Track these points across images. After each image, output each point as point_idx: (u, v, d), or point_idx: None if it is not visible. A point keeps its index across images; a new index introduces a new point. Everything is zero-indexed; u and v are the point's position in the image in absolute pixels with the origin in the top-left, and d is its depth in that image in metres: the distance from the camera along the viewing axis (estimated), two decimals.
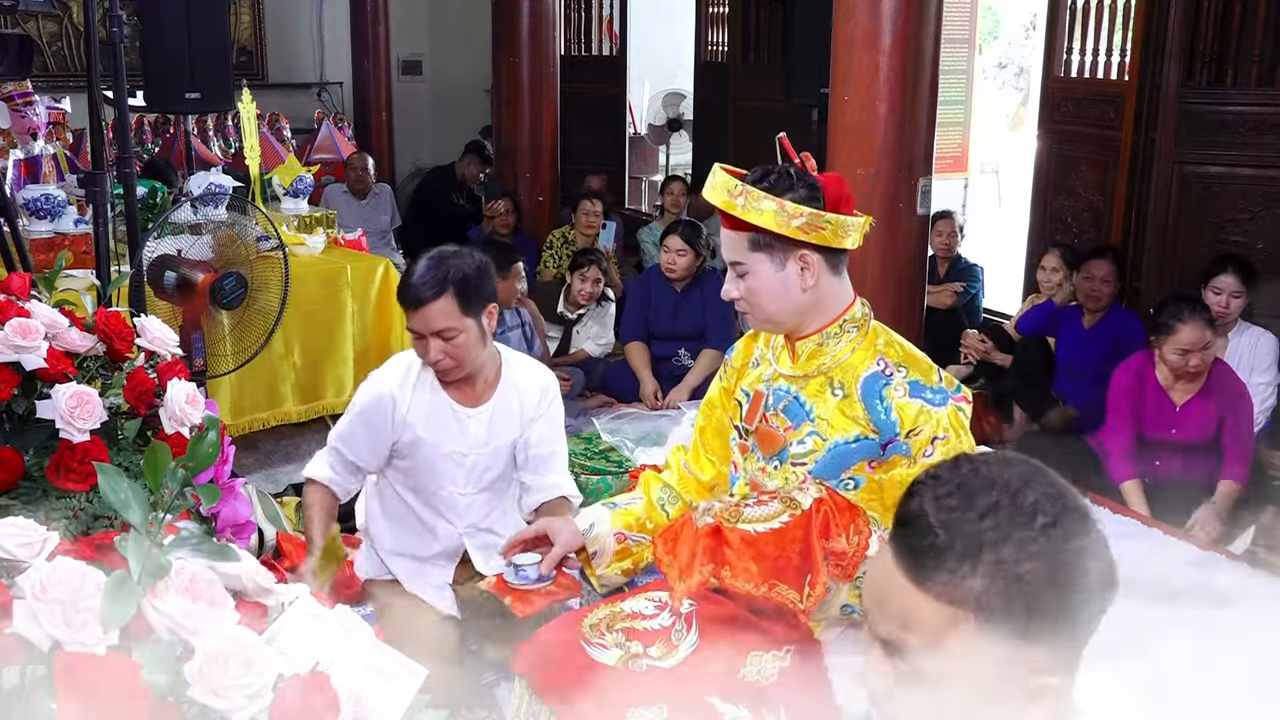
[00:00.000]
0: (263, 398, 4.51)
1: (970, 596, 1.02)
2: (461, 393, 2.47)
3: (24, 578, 1.10)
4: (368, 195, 7.12)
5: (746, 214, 1.85)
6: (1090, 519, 1.06)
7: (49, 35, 7.73)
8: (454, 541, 2.54)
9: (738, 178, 1.88)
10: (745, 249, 1.90)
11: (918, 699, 1.08)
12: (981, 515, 1.03)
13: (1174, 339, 3.66)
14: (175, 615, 1.13)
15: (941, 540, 1.03)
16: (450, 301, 2.31)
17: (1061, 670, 1.05)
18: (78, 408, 1.64)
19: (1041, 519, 1.02)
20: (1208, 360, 3.70)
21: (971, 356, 4.83)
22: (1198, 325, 3.63)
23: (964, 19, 7.18)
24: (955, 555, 1.02)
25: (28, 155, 4.79)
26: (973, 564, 1.02)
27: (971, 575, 1.02)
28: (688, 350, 5.03)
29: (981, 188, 11.00)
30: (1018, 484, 1.05)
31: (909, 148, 3.93)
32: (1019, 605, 1.01)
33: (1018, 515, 1.03)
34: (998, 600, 1.01)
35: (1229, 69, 4.81)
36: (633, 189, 9.02)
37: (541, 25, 6.69)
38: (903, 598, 1.06)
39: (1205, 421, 3.74)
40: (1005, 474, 1.06)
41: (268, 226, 3.82)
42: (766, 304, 1.93)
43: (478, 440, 2.48)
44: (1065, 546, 1.02)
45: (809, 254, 1.89)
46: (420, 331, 2.34)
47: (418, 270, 2.36)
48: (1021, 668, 1.03)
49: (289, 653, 1.18)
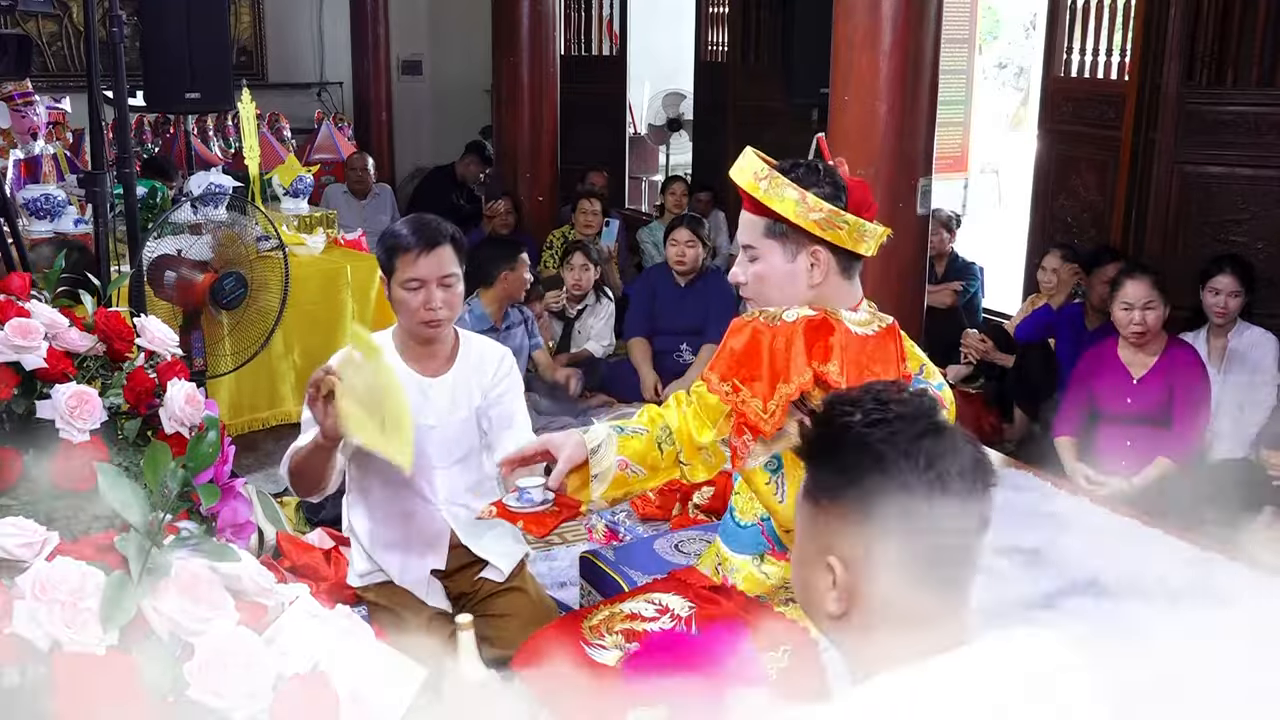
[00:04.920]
0: (263, 398, 4.51)
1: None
2: (422, 364, 2.52)
3: (24, 578, 1.10)
4: (368, 195, 7.12)
5: (768, 199, 1.87)
6: (957, 465, 1.13)
7: (49, 35, 7.73)
8: (435, 523, 2.55)
9: (768, 164, 1.90)
10: (761, 234, 1.93)
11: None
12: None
13: (1120, 294, 3.86)
14: (175, 615, 1.13)
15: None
16: (451, 250, 2.43)
17: (864, 571, 1.13)
18: (78, 408, 1.64)
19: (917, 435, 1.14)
20: (1151, 323, 3.82)
21: (972, 356, 4.82)
22: (1143, 283, 3.82)
23: (964, 19, 7.18)
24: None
25: (28, 155, 4.79)
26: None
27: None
28: (689, 346, 5.08)
29: (981, 188, 11.00)
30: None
31: (909, 148, 3.93)
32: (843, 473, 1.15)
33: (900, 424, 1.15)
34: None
35: (1229, 69, 4.81)
36: (633, 189, 9.01)
37: (541, 25, 6.69)
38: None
39: (1160, 397, 3.85)
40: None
41: (268, 226, 3.82)
42: (771, 291, 1.94)
43: (442, 409, 2.51)
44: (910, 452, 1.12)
45: (821, 250, 1.90)
46: (425, 279, 2.40)
47: (410, 223, 2.44)
48: (822, 536, 1.17)
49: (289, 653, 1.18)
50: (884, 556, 1.12)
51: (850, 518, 1.14)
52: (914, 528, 1.11)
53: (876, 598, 1.13)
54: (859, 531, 1.13)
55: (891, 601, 1.13)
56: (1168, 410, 3.84)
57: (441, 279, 2.41)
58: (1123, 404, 3.91)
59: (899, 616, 1.13)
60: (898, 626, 1.13)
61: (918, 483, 1.11)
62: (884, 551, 1.12)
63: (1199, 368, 3.91)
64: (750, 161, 1.91)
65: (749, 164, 1.91)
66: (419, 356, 2.52)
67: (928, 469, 1.12)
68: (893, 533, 1.12)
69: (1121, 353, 3.94)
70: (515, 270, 4.48)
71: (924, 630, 1.12)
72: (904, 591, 1.12)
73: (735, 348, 1.84)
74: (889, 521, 1.12)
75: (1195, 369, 3.89)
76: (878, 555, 1.12)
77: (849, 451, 1.15)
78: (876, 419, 1.14)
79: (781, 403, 1.76)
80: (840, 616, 1.16)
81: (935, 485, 1.11)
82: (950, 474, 1.12)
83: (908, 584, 1.12)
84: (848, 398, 1.19)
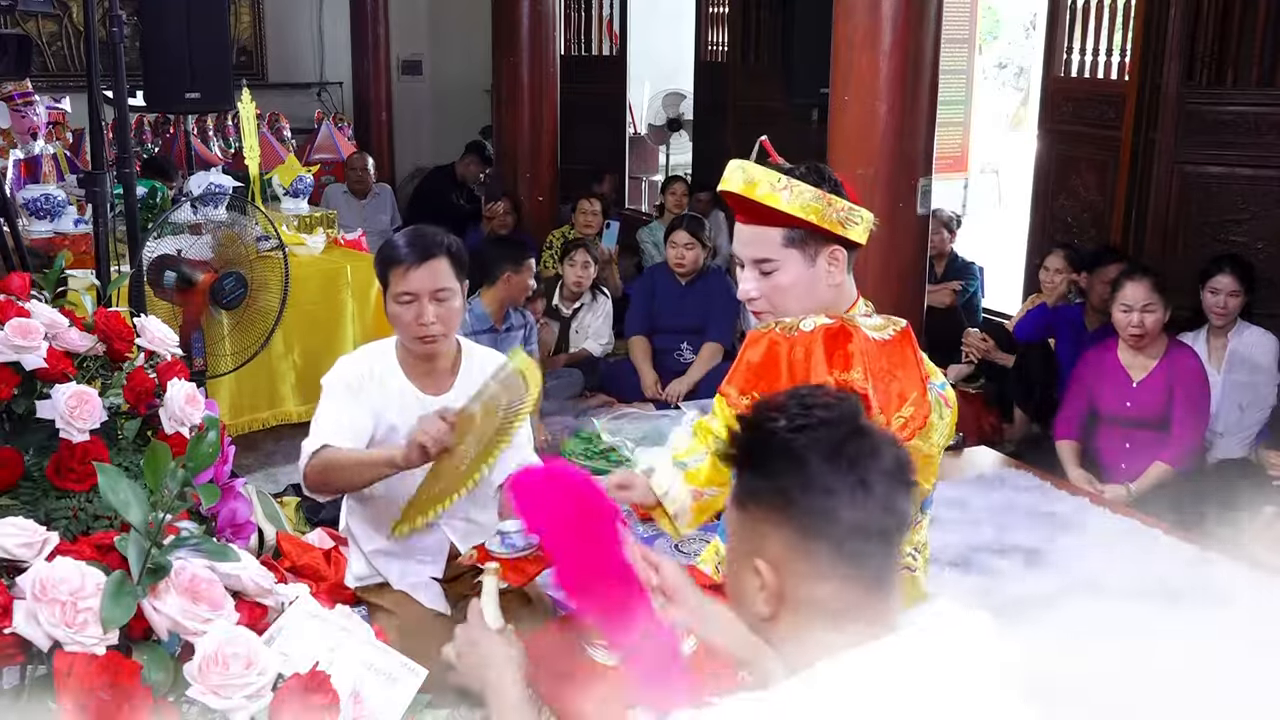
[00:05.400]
0: (263, 398, 4.51)
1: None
2: (423, 379, 2.48)
3: (24, 578, 1.10)
4: (368, 195, 7.12)
5: (791, 206, 1.83)
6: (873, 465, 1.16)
7: (49, 35, 7.73)
8: (435, 535, 2.54)
9: (779, 171, 1.88)
10: (778, 245, 1.88)
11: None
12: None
13: (1119, 295, 3.86)
14: (175, 615, 1.13)
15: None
16: (446, 263, 2.37)
17: (791, 572, 1.16)
18: (78, 408, 1.64)
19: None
20: (1150, 325, 3.81)
21: (972, 355, 4.82)
22: (1142, 285, 3.81)
23: (964, 19, 7.17)
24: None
25: (28, 155, 4.79)
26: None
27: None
28: (690, 345, 5.08)
29: (981, 188, 11.00)
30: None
31: (909, 148, 3.93)
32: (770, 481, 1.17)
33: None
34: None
35: (1229, 69, 4.80)
36: (633, 189, 9.01)
37: (541, 25, 6.69)
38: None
39: (1160, 400, 3.84)
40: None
41: (268, 226, 3.82)
42: (792, 302, 1.90)
43: None
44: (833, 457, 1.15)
45: (839, 249, 1.89)
46: (417, 293, 2.35)
47: (408, 234, 2.41)
48: (752, 538, 1.19)
49: (289, 653, 1.18)
50: (809, 558, 1.15)
51: (776, 521, 1.16)
52: (838, 530, 1.14)
53: (803, 598, 1.16)
54: (784, 535, 1.16)
55: (818, 600, 1.16)
56: (1167, 413, 3.83)
57: (435, 293, 2.36)
58: (1122, 406, 3.91)
59: (827, 614, 1.16)
60: (826, 623, 1.15)
61: (840, 485, 1.14)
62: (809, 553, 1.15)
63: (1199, 371, 3.90)
64: (761, 172, 1.85)
65: (761, 175, 1.85)
66: (420, 371, 2.48)
67: (850, 471, 1.14)
68: (817, 535, 1.14)
69: (1121, 355, 3.94)
70: (520, 273, 4.40)
71: (852, 625, 1.15)
72: (830, 590, 1.15)
73: (753, 360, 1.83)
74: (813, 524, 1.14)
75: (1195, 372, 3.88)
76: (803, 557, 1.15)
77: (774, 457, 1.17)
78: (801, 424, 1.17)
79: None
80: (770, 618, 1.18)
81: (858, 488, 1.14)
82: (872, 475, 1.15)
83: (833, 583, 1.15)
84: (773, 403, 1.21)
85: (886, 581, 1.18)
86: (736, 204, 1.90)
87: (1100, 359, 4.00)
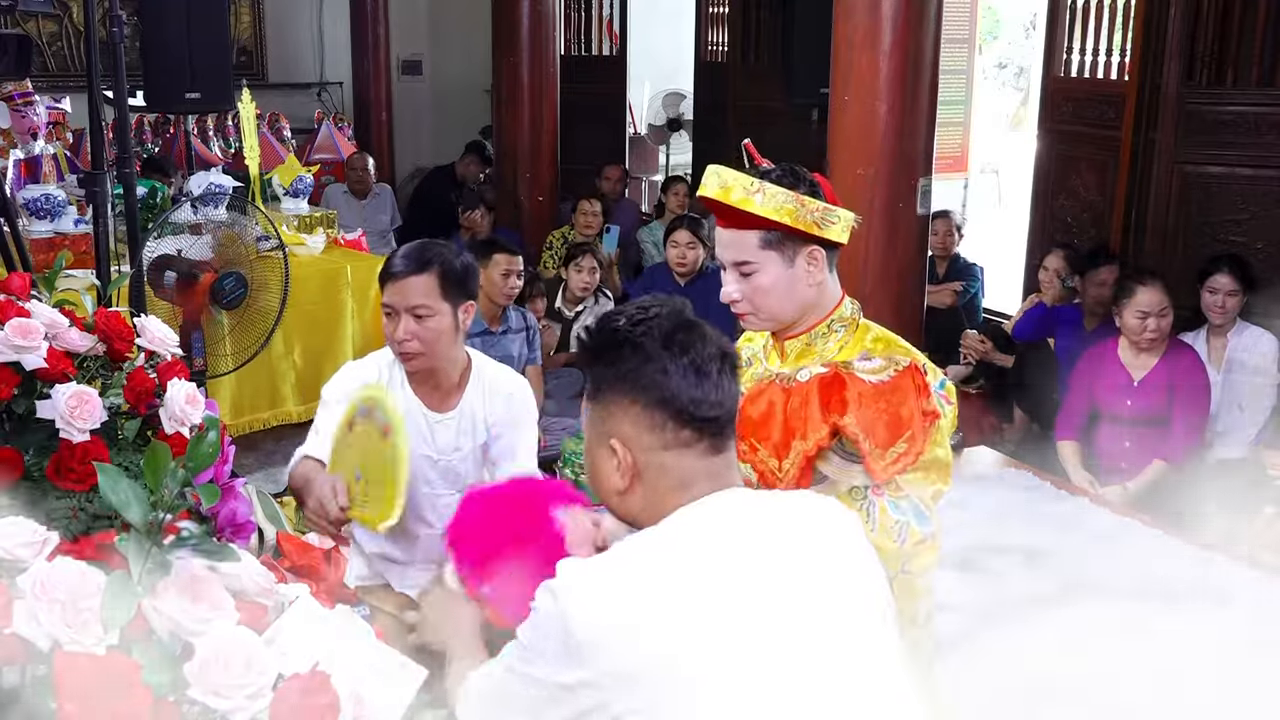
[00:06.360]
0: (263, 398, 4.51)
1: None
2: (429, 396, 2.45)
3: (24, 578, 1.10)
4: (368, 195, 7.11)
5: (764, 209, 1.85)
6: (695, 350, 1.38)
7: (49, 35, 7.73)
8: (439, 546, 2.52)
9: (752, 176, 1.89)
10: (755, 248, 1.89)
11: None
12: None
13: (1133, 301, 3.80)
14: (175, 615, 1.13)
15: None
16: (432, 280, 2.32)
17: (641, 446, 1.37)
18: (78, 408, 1.64)
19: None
20: (1164, 328, 3.80)
21: (971, 356, 4.82)
22: (1156, 289, 3.78)
23: (964, 19, 7.18)
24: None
25: (28, 155, 4.78)
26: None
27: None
28: None
29: (981, 188, 11.00)
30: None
31: (909, 148, 3.93)
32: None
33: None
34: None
35: (1229, 69, 4.80)
36: (633, 189, 9.01)
37: (541, 25, 6.69)
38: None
39: (1160, 399, 3.84)
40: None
41: (268, 226, 3.82)
42: (774, 303, 1.91)
43: (446, 446, 2.47)
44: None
45: (818, 249, 1.89)
46: (395, 307, 2.33)
47: (407, 247, 2.40)
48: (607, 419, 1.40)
49: (289, 653, 1.18)
50: (654, 430, 1.37)
51: (624, 404, 1.38)
52: (677, 403, 1.36)
53: (654, 466, 1.38)
54: (632, 414, 1.37)
55: (666, 467, 1.38)
56: (1168, 412, 3.84)
57: (411, 308, 2.31)
58: (1123, 405, 3.91)
59: (674, 479, 1.38)
60: (674, 487, 1.37)
61: (675, 366, 1.36)
62: (654, 426, 1.37)
63: (1200, 370, 3.91)
64: (733, 177, 1.87)
65: (733, 180, 1.87)
66: (426, 387, 2.45)
67: (682, 354, 1.36)
68: (660, 408, 1.36)
69: (1122, 354, 3.94)
70: (487, 269, 4.20)
71: (696, 488, 1.37)
72: (674, 458, 1.37)
73: (753, 415, 1.85)
74: (656, 400, 1.36)
75: (1196, 371, 3.89)
76: (648, 430, 1.37)
77: (618, 347, 1.38)
78: (639, 319, 1.39)
79: (798, 460, 1.78)
80: (626, 490, 1.39)
81: (689, 368, 1.36)
82: (702, 358, 1.37)
83: (676, 451, 1.37)
84: (617, 310, 1.44)
85: (724, 450, 1.40)
86: (714, 208, 1.92)
87: (1100, 358, 3.99)
